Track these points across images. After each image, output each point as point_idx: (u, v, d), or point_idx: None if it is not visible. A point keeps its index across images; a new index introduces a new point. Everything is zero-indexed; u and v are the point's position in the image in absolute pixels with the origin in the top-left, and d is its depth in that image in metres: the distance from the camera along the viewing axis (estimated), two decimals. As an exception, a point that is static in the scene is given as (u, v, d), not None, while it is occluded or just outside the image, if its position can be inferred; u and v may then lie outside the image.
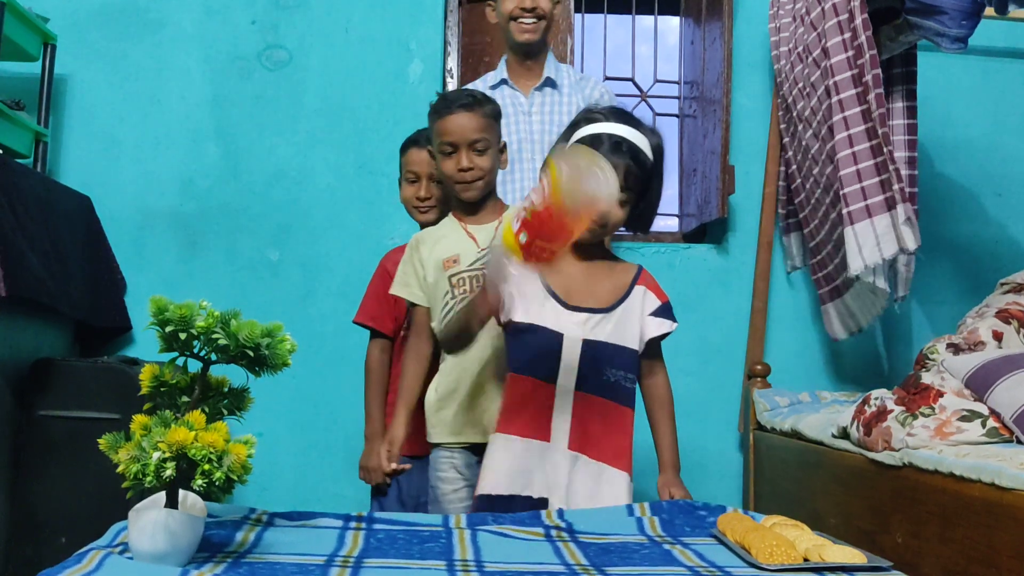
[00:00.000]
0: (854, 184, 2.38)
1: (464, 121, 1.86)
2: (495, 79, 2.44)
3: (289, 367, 1.23)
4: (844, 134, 2.40)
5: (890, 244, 2.32)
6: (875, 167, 2.35)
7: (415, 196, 2.11)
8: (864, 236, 2.36)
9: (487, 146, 1.87)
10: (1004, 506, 1.47)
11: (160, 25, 2.89)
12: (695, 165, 3.07)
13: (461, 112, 1.85)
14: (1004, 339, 2.03)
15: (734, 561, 1.27)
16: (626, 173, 1.64)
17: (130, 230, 2.81)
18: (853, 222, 2.37)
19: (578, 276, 1.71)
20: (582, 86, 2.45)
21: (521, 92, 2.42)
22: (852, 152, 2.38)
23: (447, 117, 1.86)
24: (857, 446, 1.94)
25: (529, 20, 2.34)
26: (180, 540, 1.13)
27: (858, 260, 2.37)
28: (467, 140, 1.85)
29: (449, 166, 1.87)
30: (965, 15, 2.27)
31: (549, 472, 1.65)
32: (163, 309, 1.14)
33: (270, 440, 2.71)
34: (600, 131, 1.68)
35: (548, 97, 2.41)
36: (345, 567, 1.17)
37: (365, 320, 2.12)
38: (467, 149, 1.85)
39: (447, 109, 1.87)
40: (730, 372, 2.92)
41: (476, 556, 1.26)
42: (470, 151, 1.85)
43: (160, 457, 1.08)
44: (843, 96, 2.41)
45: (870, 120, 2.35)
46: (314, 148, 2.89)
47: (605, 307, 1.69)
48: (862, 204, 2.36)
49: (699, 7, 3.05)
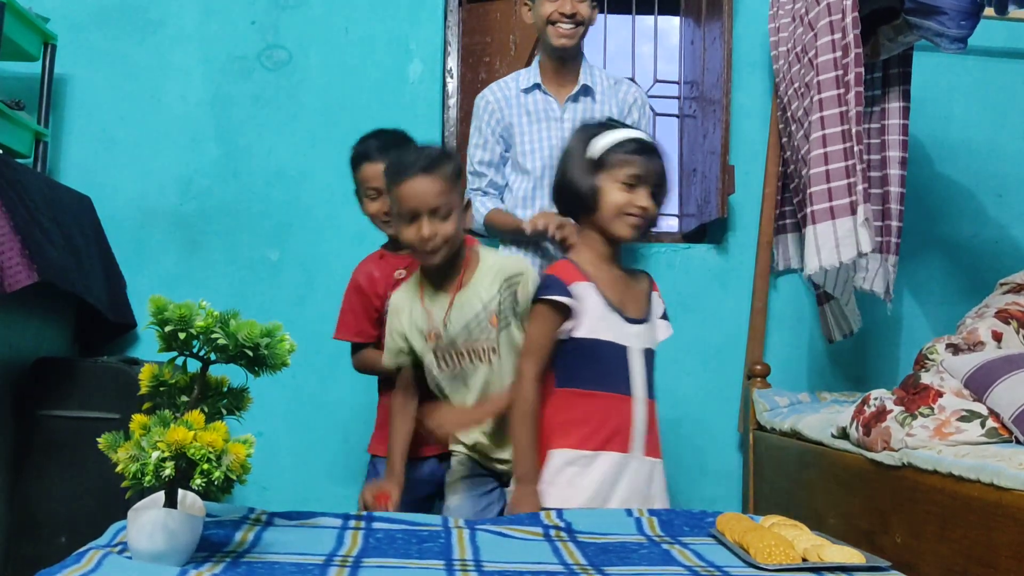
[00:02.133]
0: (821, 184, 2.38)
1: (424, 187, 1.73)
2: (528, 82, 2.39)
3: (288, 367, 1.24)
4: (819, 134, 2.40)
5: (849, 248, 2.32)
6: (845, 170, 2.35)
7: (381, 212, 2.03)
8: (824, 237, 2.35)
9: (449, 210, 1.75)
10: (1003, 506, 1.47)
11: (160, 25, 2.89)
12: (695, 165, 3.08)
13: (420, 177, 1.73)
14: (1003, 339, 2.03)
15: (733, 561, 1.27)
16: (659, 172, 1.73)
17: (130, 230, 2.81)
18: (816, 222, 2.37)
19: (621, 286, 1.75)
20: (616, 90, 2.41)
21: (555, 98, 2.38)
22: (824, 152, 2.38)
23: (405, 182, 1.73)
24: (856, 446, 1.94)
25: (568, 25, 2.28)
26: (179, 540, 1.13)
27: (815, 260, 2.36)
28: (428, 207, 1.73)
29: (410, 233, 1.75)
30: (965, 15, 2.27)
31: (631, 481, 1.68)
32: (162, 309, 1.14)
33: (269, 440, 2.72)
34: (623, 136, 1.73)
35: (582, 105, 2.37)
36: (344, 567, 1.18)
37: (348, 337, 2.08)
38: (428, 216, 1.73)
39: (405, 174, 1.74)
40: (730, 372, 2.92)
41: (475, 556, 1.26)
42: (432, 218, 1.73)
43: (159, 456, 1.08)
44: (824, 96, 2.41)
45: (847, 122, 2.35)
46: (314, 148, 2.89)
47: (644, 316, 1.76)
48: (826, 205, 2.36)
49: (699, 7, 3.05)
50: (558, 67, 2.38)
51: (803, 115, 2.61)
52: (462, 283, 1.81)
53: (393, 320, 1.87)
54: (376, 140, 2.06)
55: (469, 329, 1.79)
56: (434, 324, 1.80)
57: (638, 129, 1.84)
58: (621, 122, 1.90)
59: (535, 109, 2.37)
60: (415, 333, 1.83)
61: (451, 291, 1.81)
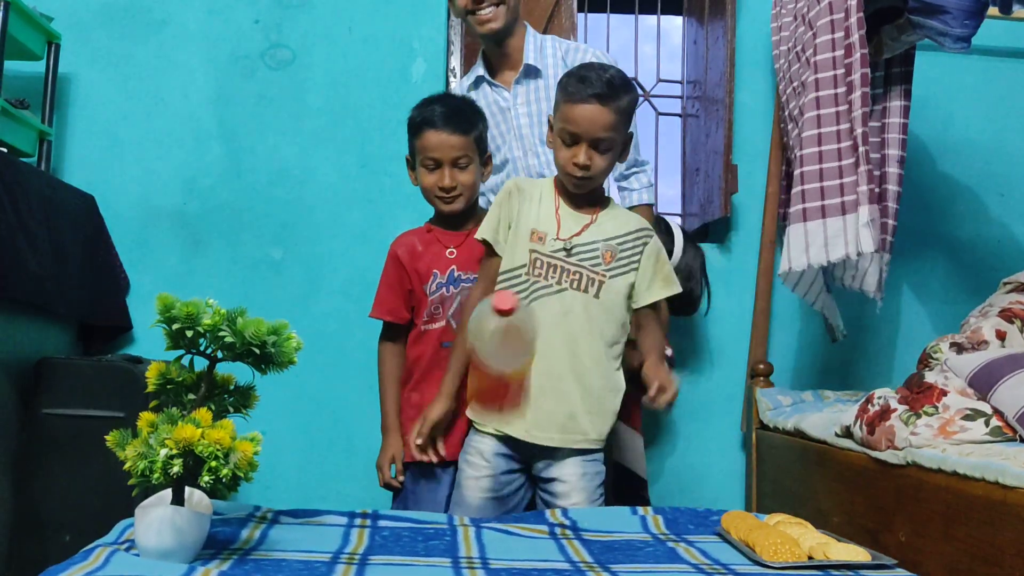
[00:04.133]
0: (813, 183, 2.37)
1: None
2: (471, 77, 2.27)
3: (295, 365, 1.24)
4: (815, 132, 2.39)
5: (838, 248, 2.31)
6: (839, 169, 2.34)
7: (437, 185, 1.91)
8: (814, 235, 2.35)
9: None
10: (1007, 505, 1.47)
11: (164, 24, 2.90)
12: (698, 164, 3.08)
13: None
14: (1007, 338, 2.03)
15: (739, 559, 1.27)
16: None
17: (134, 229, 2.81)
18: (806, 219, 2.36)
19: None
20: (569, 59, 2.19)
21: (503, 86, 2.22)
22: (819, 151, 2.37)
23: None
24: (860, 445, 1.94)
25: (487, 10, 2.13)
26: (186, 537, 1.14)
27: (802, 258, 2.36)
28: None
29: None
30: (968, 14, 2.26)
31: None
32: (170, 307, 1.14)
33: (275, 438, 2.71)
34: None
35: (529, 86, 2.20)
36: (351, 564, 1.18)
37: (382, 315, 1.97)
38: (450, 166, 1.86)
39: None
40: (733, 371, 2.92)
41: (481, 553, 1.27)
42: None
43: (167, 454, 1.09)
44: (821, 94, 2.40)
45: (847, 121, 2.34)
46: (317, 147, 2.90)
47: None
48: (818, 204, 2.35)
49: (702, 6, 3.05)
50: (499, 52, 2.22)
51: (799, 114, 2.61)
52: (599, 212, 1.81)
53: (508, 199, 1.80)
54: (440, 106, 1.94)
55: (596, 248, 1.76)
56: (558, 233, 1.76)
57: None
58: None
59: (485, 103, 2.19)
60: (523, 223, 1.77)
61: (593, 212, 1.79)
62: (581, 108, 1.67)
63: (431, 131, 1.89)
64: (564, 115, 1.70)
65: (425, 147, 1.90)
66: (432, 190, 1.92)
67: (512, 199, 1.80)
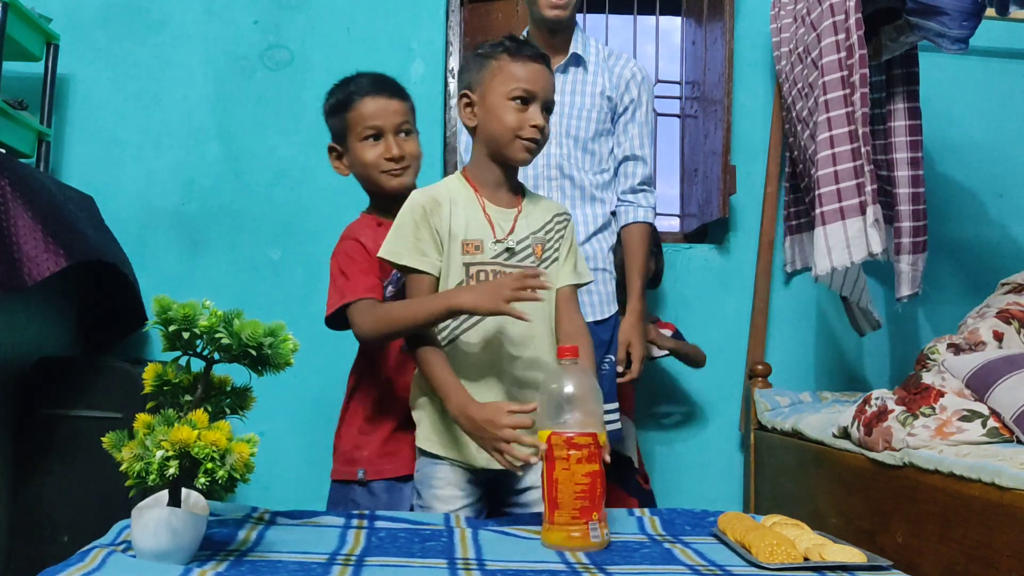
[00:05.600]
0: (830, 185, 2.38)
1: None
2: None
3: (292, 366, 1.24)
4: (826, 134, 2.40)
5: (860, 248, 2.31)
6: (854, 170, 2.34)
7: (383, 157, 1.75)
8: (835, 238, 2.35)
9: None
10: (1004, 506, 1.47)
11: (162, 25, 2.90)
12: (696, 165, 3.08)
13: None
14: (1005, 339, 2.03)
15: (735, 560, 1.27)
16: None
17: (132, 229, 2.81)
18: (825, 223, 2.37)
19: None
20: (611, 64, 2.28)
21: None
22: (832, 153, 2.38)
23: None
24: (858, 446, 1.95)
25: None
26: (183, 538, 1.14)
27: (826, 262, 2.36)
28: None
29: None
30: (966, 16, 2.27)
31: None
32: (166, 308, 1.14)
33: (272, 439, 2.72)
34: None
35: (572, 75, 2.26)
36: (347, 565, 1.18)
37: (363, 293, 1.71)
38: (393, 134, 1.68)
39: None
40: (731, 372, 2.93)
41: (477, 555, 1.27)
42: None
43: (163, 455, 1.09)
44: (830, 96, 2.41)
45: (853, 122, 2.35)
46: (316, 148, 2.89)
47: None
48: (836, 206, 2.36)
49: (700, 7, 3.05)
50: (547, 39, 2.24)
51: (808, 115, 2.61)
52: (521, 202, 1.65)
53: (424, 216, 1.57)
54: (366, 77, 1.81)
55: (528, 243, 1.61)
56: (495, 235, 1.59)
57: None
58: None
59: None
60: (456, 241, 1.58)
61: (516, 203, 1.63)
62: (533, 66, 1.55)
63: (367, 98, 1.74)
64: (513, 75, 1.55)
65: (363, 117, 1.74)
66: (377, 164, 1.74)
67: (433, 215, 1.57)
